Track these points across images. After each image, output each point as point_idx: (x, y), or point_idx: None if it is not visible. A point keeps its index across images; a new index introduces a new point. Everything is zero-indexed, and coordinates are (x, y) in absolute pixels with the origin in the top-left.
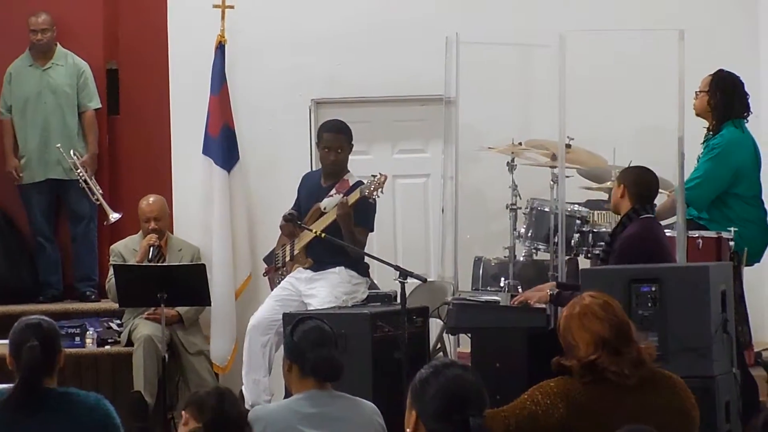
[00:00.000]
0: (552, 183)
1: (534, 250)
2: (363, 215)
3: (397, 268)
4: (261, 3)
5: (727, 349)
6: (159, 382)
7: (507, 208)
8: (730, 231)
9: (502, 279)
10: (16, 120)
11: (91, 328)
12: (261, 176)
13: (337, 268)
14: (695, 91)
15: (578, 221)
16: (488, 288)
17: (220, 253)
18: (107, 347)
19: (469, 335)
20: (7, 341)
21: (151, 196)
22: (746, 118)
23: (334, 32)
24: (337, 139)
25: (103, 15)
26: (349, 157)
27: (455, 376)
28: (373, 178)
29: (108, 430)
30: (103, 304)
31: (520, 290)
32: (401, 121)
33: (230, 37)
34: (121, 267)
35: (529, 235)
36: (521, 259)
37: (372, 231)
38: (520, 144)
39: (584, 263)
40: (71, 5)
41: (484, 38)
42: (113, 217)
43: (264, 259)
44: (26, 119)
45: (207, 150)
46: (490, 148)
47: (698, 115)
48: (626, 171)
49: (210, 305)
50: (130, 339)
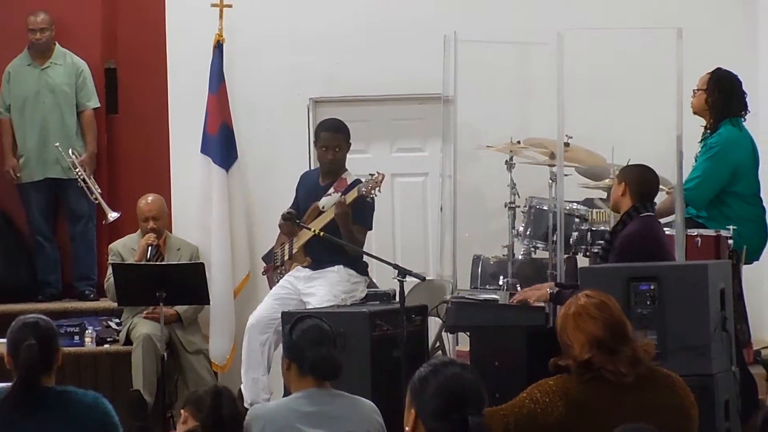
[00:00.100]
0: (550, 181)
1: (533, 249)
2: (361, 214)
3: (395, 266)
4: (259, 2)
5: (726, 347)
6: (158, 381)
7: (506, 207)
8: (729, 229)
9: (501, 277)
10: (14, 119)
11: (90, 327)
12: (259, 175)
13: (336, 266)
14: (693, 90)
15: (577, 220)
16: (487, 286)
17: (219, 252)
18: (106, 346)
19: (468, 334)
20: (5, 340)
21: (150, 196)
22: (744, 116)
23: (332, 31)
24: (335, 138)
25: (102, 14)
26: (348, 155)
27: (454, 375)
28: (370, 177)
29: (106, 429)
30: (102, 303)
31: (518, 289)
32: (400, 120)
33: (228, 36)
34: (119, 266)
35: (528, 233)
36: (520, 257)
37: (370, 229)
38: (519, 142)
39: (583, 261)
40: (70, 4)
41: (483, 37)
42: (112, 216)
43: (263, 257)
44: (25, 118)
45: (205, 149)
46: (488, 146)
47: (696, 113)
48: (627, 169)
49: (209, 304)
50: (128, 338)
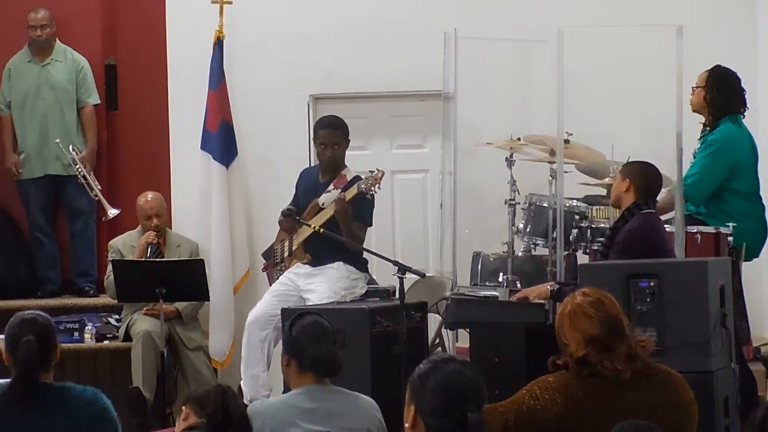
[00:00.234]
0: (550, 178)
1: (532, 246)
2: (361, 211)
3: (395, 263)
4: None
5: (725, 344)
6: (157, 378)
7: (505, 204)
8: (729, 226)
9: (501, 274)
10: (15, 116)
11: (90, 323)
12: (259, 171)
13: (336, 263)
14: (692, 87)
15: (577, 216)
16: (487, 283)
17: (219, 249)
18: (106, 342)
19: (468, 330)
20: (3, 336)
21: (149, 193)
22: (743, 113)
23: (332, 28)
24: (333, 135)
25: (102, 11)
26: (348, 152)
27: (454, 371)
28: (370, 173)
29: (105, 425)
30: (102, 299)
31: (518, 286)
32: (400, 117)
33: (229, 33)
34: (119, 262)
35: (528, 230)
36: (520, 254)
37: (370, 226)
38: (519, 139)
39: (582, 258)
40: (70, 1)
41: (483, 34)
42: (112, 212)
43: (263, 254)
44: (25, 115)
45: (205, 145)
46: (488, 143)
47: (695, 111)
48: (632, 166)
49: (208, 300)
50: (127, 334)
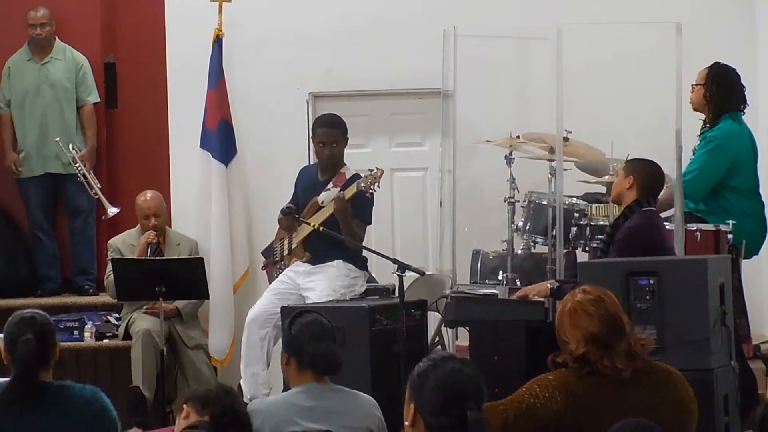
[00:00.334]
0: (550, 176)
1: (532, 244)
2: (360, 209)
3: (395, 261)
4: None
5: (725, 342)
6: (157, 376)
7: (505, 202)
8: (729, 224)
9: (501, 272)
10: (14, 114)
11: (90, 322)
12: (259, 170)
13: (335, 261)
14: (691, 84)
15: (576, 214)
16: (486, 281)
17: (219, 247)
18: (106, 341)
19: (468, 328)
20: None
21: (149, 192)
22: (743, 111)
23: (331, 26)
24: (332, 133)
25: (101, 9)
26: (347, 150)
27: (453, 370)
28: (369, 172)
29: (104, 423)
30: (102, 298)
31: (518, 283)
32: (399, 115)
33: (228, 31)
34: (119, 261)
35: (527, 228)
36: (519, 252)
37: (370, 224)
38: (518, 137)
39: (582, 256)
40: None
41: (482, 32)
42: (111, 211)
43: (262, 252)
44: (25, 113)
45: (205, 144)
46: (488, 141)
47: (695, 108)
48: (636, 163)
49: (208, 299)
50: (127, 332)
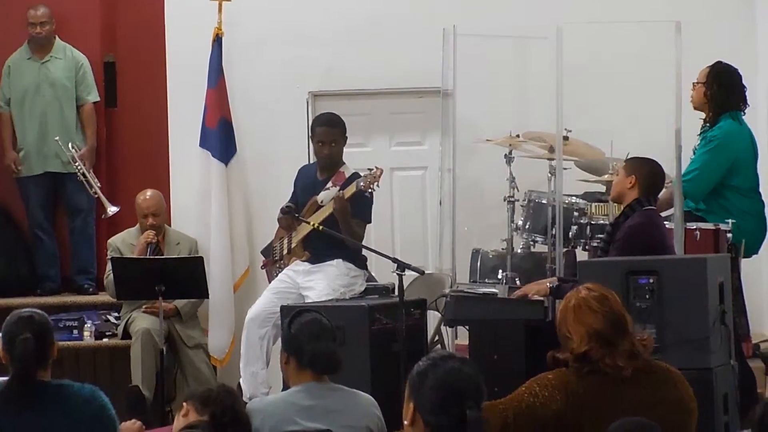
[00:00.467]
0: (549, 175)
1: (532, 243)
2: (360, 208)
3: (394, 260)
4: None
5: (724, 340)
6: (157, 375)
7: (505, 201)
8: (728, 223)
9: (500, 271)
10: (14, 113)
11: (89, 321)
12: (259, 169)
13: (335, 260)
14: (692, 83)
15: (576, 213)
16: (486, 280)
17: (218, 246)
18: (105, 340)
19: (467, 327)
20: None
21: (148, 191)
22: (743, 110)
23: (331, 25)
24: (331, 132)
25: (101, 8)
26: (347, 149)
27: (453, 369)
28: (369, 171)
29: (103, 422)
30: (101, 297)
31: (518, 282)
32: (399, 114)
33: (227, 30)
34: (118, 260)
35: (527, 227)
36: (519, 251)
37: (369, 223)
38: (518, 136)
39: (582, 255)
40: None
41: (482, 30)
42: (111, 210)
43: (262, 251)
44: (24, 112)
45: (204, 143)
46: (487, 140)
47: (696, 107)
48: (637, 163)
49: (208, 298)
50: (126, 332)
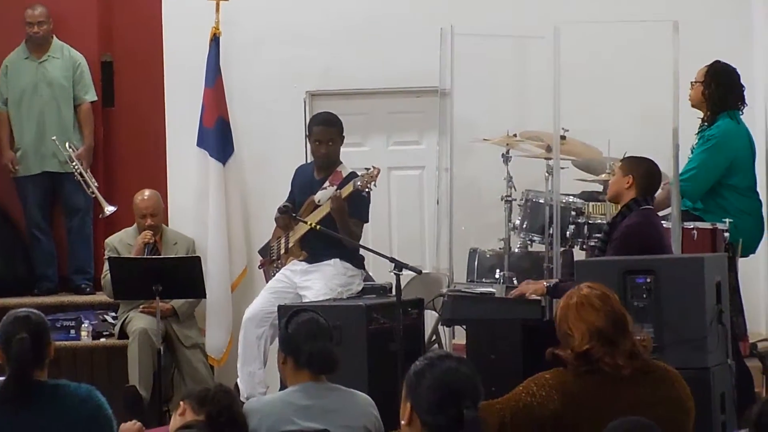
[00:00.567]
0: (547, 174)
1: (529, 242)
2: (357, 207)
3: (392, 260)
4: None
5: (722, 340)
6: (154, 375)
7: (502, 200)
8: (725, 222)
9: (498, 271)
10: (11, 113)
11: (87, 321)
12: (256, 168)
13: (332, 260)
14: (690, 82)
15: (573, 213)
16: (483, 280)
17: (216, 246)
18: (102, 340)
19: (465, 327)
20: None
21: (146, 191)
22: (741, 109)
23: (328, 24)
24: (328, 131)
25: (98, 7)
26: (345, 149)
27: (450, 368)
28: (366, 171)
29: (99, 422)
30: (98, 297)
31: (515, 282)
32: (396, 113)
33: (225, 30)
34: (116, 260)
35: (524, 226)
36: (516, 250)
37: (366, 222)
38: (515, 135)
39: (579, 255)
40: None
41: (479, 30)
42: (108, 210)
43: (259, 251)
44: (22, 112)
45: (202, 142)
46: (485, 139)
47: (694, 106)
48: (634, 162)
49: (205, 297)
50: (122, 331)
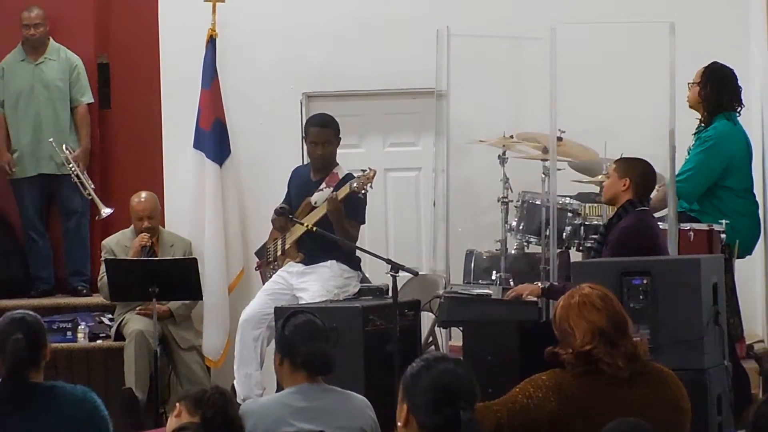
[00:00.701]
0: (543, 176)
1: (525, 243)
2: (353, 209)
3: (388, 261)
4: None
5: (718, 341)
6: (150, 377)
7: (498, 201)
8: (722, 223)
9: (494, 272)
10: (8, 115)
11: (83, 323)
12: (253, 170)
13: (329, 261)
14: (688, 83)
15: (570, 214)
16: (480, 281)
17: (213, 247)
18: (99, 342)
19: (461, 328)
20: None
21: (143, 193)
22: (738, 111)
23: (325, 26)
24: (324, 133)
25: (95, 9)
26: (341, 150)
27: (446, 370)
28: (362, 172)
29: (95, 423)
30: (95, 299)
31: (511, 283)
32: (393, 115)
33: (221, 31)
34: (112, 261)
35: (521, 228)
36: (513, 252)
37: (363, 224)
38: (512, 137)
39: (576, 256)
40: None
41: (476, 31)
42: (105, 212)
43: (256, 253)
44: (18, 114)
45: (198, 144)
46: (481, 141)
47: (691, 107)
48: (630, 164)
49: (201, 299)
50: (119, 333)
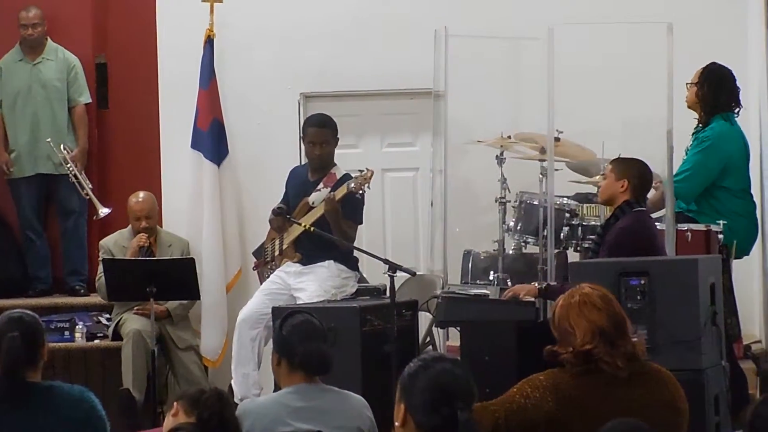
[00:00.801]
0: (541, 176)
1: (523, 244)
2: (351, 209)
3: (386, 261)
4: None
5: (716, 341)
6: (148, 377)
7: (496, 202)
8: (719, 224)
9: (492, 272)
10: (6, 114)
11: (81, 323)
12: (250, 170)
13: (326, 262)
14: (686, 84)
15: (567, 214)
16: (477, 281)
17: (210, 247)
18: (96, 341)
19: (459, 329)
20: None
21: (141, 193)
22: (736, 111)
23: (323, 26)
24: (322, 133)
25: (92, 9)
26: (339, 150)
27: (444, 370)
28: (360, 172)
29: (93, 423)
30: (93, 299)
31: (509, 284)
32: (390, 115)
33: (219, 32)
34: (110, 261)
35: (519, 228)
36: (510, 252)
37: (361, 224)
38: (509, 137)
39: (573, 256)
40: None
41: (473, 32)
42: (103, 212)
43: (253, 253)
44: (16, 114)
45: (196, 144)
46: (479, 141)
47: (689, 107)
48: (627, 165)
49: (199, 299)
50: (116, 333)
